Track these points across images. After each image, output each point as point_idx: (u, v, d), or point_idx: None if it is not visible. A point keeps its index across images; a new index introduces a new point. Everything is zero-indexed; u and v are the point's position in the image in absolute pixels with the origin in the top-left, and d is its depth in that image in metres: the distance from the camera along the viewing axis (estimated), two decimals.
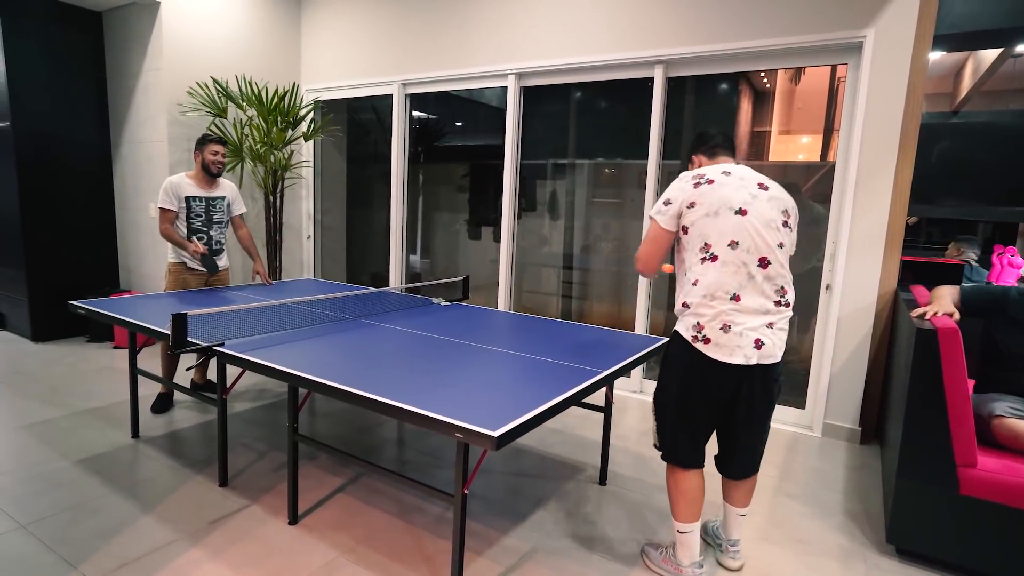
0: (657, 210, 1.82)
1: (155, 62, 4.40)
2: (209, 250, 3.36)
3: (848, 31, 3.05)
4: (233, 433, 2.99)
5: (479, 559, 2.04)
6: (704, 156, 1.99)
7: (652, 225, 1.83)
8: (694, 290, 1.75)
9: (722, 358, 1.73)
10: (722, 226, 1.73)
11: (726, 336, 1.72)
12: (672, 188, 1.83)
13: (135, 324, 2.46)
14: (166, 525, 2.16)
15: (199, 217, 3.32)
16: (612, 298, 4.39)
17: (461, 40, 4.35)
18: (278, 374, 1.91)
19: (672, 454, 1.92)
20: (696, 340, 1.75)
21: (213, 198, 3.37)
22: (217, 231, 3.40)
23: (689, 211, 1.76)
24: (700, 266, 1.75)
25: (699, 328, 1.74)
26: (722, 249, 1.73)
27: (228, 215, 3.48)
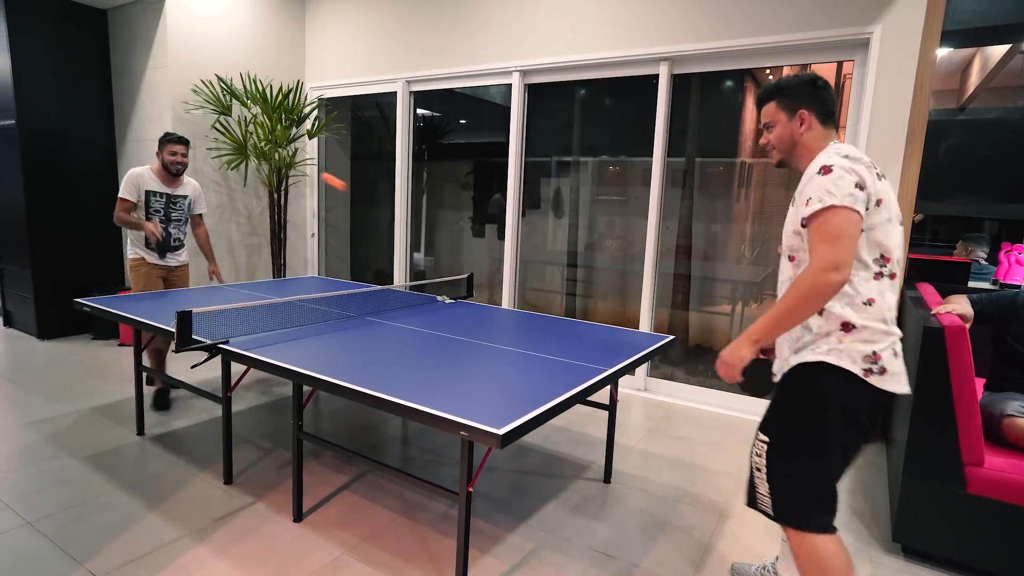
0: (847, 193, 1.33)
1: (160, 59, 4.41)
2: (166, 246, 3.40)
3: (855, 27, 3.02)
4: (237, 431, 3.00)
5: (484, 557, 2.04)
6: (817, 118, 1.52)
7: (843, 215, 1.32)
8: (867, 311, 1.41)
9: (897, 388, 1.43)
10: (896, 237, 1.43)
11: (898, 362, 1.44)
12: (850, 169, 1.36)
13: (140, 322, 2.46)
14: (171, 522, 2.16)
15: (157, 213, 3.34)
16: (616, 296, 4.38)
17: (465, 37, 4.33)
18: (282, 372, 1.91)
19: (811, 517, 1.49)
20: (870, 373, 1.41)
21: (175, 196, 3.39)
22: (175, 228, 3.42)
23: (876, 209, 1.39)
24: (875, 283, 1.41)
25: (875, 358, 1.40)
26: (896, 265, 1.43)
27: (188, 213, 3.49)
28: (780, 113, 1.56)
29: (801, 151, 1.55)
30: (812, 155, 1.51)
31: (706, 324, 4.19)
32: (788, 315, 1.37)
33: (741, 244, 4.06)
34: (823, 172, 1.37)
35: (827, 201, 1.33)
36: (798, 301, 1.35)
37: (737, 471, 2.79)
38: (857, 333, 1.42)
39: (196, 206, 3.53)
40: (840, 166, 1.36)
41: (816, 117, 1.52)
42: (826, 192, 1.34)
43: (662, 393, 3.88)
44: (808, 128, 1.52)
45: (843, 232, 1.32)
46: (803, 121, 1.52)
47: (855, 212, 1.33)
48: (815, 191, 1.36)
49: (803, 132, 1.53)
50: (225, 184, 4.80)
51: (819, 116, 1.52)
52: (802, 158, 1.55)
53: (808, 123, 1.52)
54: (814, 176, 1.39)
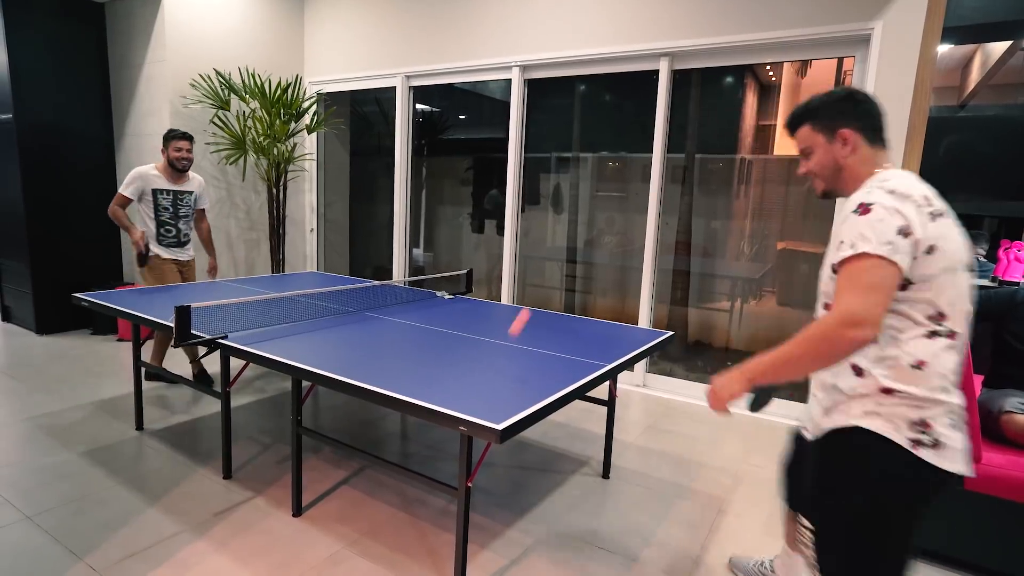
0: (886, 240, 1.11)
1: (158, 54, 4.39)
2: (177, 242, 3.46)
3: (855, 23, 3.02)
4: (237, 426, 3.00)
5: (483, 552, 2.05)
6: (863, 137, 1.30)
7: (877, 266, 1.11)
8: (916, 376, 1.18)
9: (955, 467, 1.18)
10: (960, 288, 1.19)
11: (958, 436, 1.20)
12: (893, 210, 1.14)
13: (139, 317, 2.46)
14: (171, 517, 2.17)
15: (167, 210, 3.38)
16: (616, 292, 4.38)
17: (465, 32, 4.32)
18: (281, 367, 1.91)
19: None
20: (919, 445, 1.17)
21: (181, 192, 3.42)
22: (184, 224, 3.47)
23: (927, 258, 1.14)
24: (928, 342, 1.18)
25: (925, 427, 1.18)
26: (959, 322, 1.20)
27: (194, 208, 3.52)
28: (817, 136, 1.34)
29: (847, 177, 1.32)
30: (859, 182, 1.30)
31: (705, 320, 4.19)
32: (790, 364, 1.18)
33: (740, 240, 4.06)
34: (861, 211, 1.15)
35: (859, 248, 1.12)
36: (805, 351, 1.14)
37: (736, 467, 2.80)
38: (903, 396, 1.19)
39: (200, 201, 3.56)
40: (882, 205, 1.13)
41: (861, 135, 1.29)
42: (860, 236, 1.13)
43: (661, 389, 3.88)
44: (853, 150, 1.30)
45: (874, 285, 1.10)
46: (846, 142, 1.30)
47: (893, 265, 1.10)
48: (849, 234, 1.15)
49: (848, 154, 1.31)
50: (224, 179, 4.79)
51: (864, 134, 1.30)
52: (848, 185, 1.33)
53: (852, 144, 1.30)
54: (849, 216, 1.17)
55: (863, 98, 1.31)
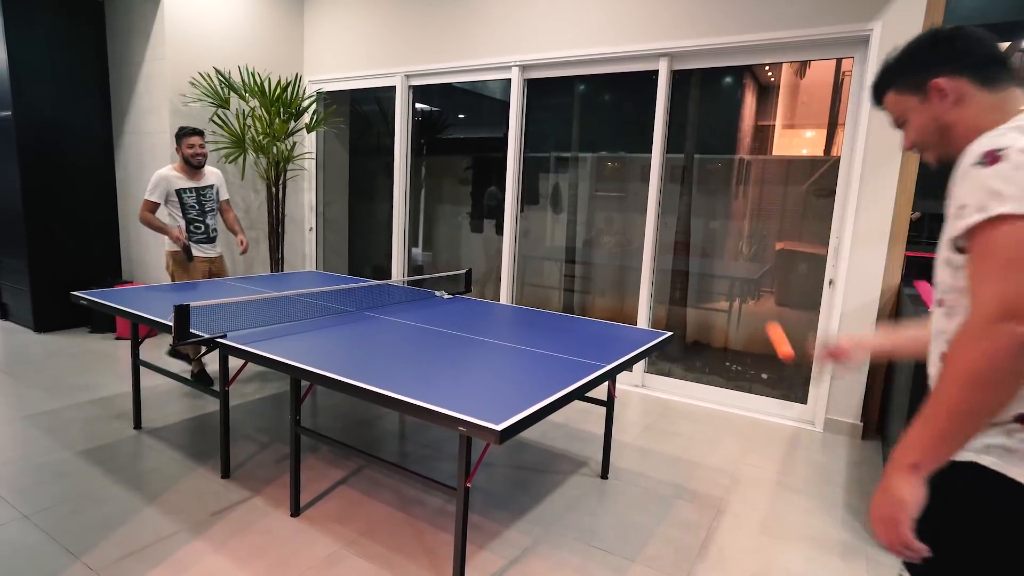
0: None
1: (157, 51, 4.38)
2: (207, 238, 3.50)
3: (855, 24, 3.02)
4: (235, 425, 3.00)
5: (481, 552, 2.05)
6: (968, 81, 0.98)
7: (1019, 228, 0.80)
8: None
9: None
10: None
11: None
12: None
13: (137, 315, 2.46)
14: (168, 516, 2.16)
15: (193, 208, 3.42)
16: (615, 292, 4.38)
17: (465, 32, 4.32)
18: (280, 366, 1.91)
19: None
20: None
21: (203, 188, 3.45)
22: (211, 219, 3.51)
23: None
24: None
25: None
26: None
27: (218, 201, 3.55)
28: (906, 99, 1.05)
29: (961, 135, 0.99)
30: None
31: (704, 320, 4.19)
32: (960, 413, 0.82)
33: (739, 241, 4.06)
34: (988, 161, 0.84)
35: (993, 209, 0.81)
36: (969, 385, 0.80)
37: (734, 467, 2.80)
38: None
39: (223, 191, 3.61)
40: (1019, 148, 0.82)
41: (966, 79, 0.98)
42: (991, 194, 0.82)
43: (659, 389, 3.89)
44: (957, 100, 0.99)
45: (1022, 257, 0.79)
46: (944, 94, 0.99)
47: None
48: (972, 193, 0.85)
49: (950, 108, 1.00)
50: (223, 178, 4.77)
51: (970, 75, 0.98)
52: (965, 144, 0.97)
53: (954, 93, 0.99)
54: (970, 170, 0.86)
55: (951, 34, 1.00)
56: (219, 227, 3.61)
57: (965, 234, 0.85)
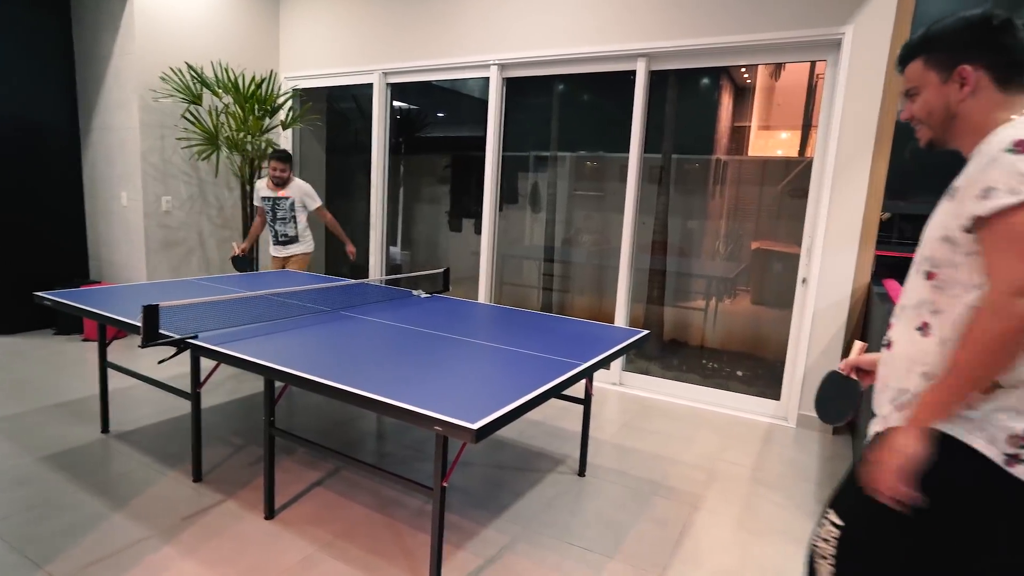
0: None
1: (126, 46, 4.27)
2: (275, 240, 4.10)
3: (827, 28, 3.08)
4: (208, 427, 2.94)
5: (459, 551, 2.04)
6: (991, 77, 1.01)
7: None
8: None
9: None
10: None
11: None
12: None
13: (104, 316, 2.39)
14: (137, 522, 2.11)
15: (269, 214, 4.05)
16: (593, 291, 4.41)
17: (443, 30, 4.29)
18: (253, 367, 1.87)
19: None
20: (1016, 461, 0.93)
21: (278, 198, 4.01)
22: (281, 225, 4.06)
23: None
24: None
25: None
26: None
27: (293, 211, 4.04)
28: (929, 73, 1.06)
29: (961, 127, 1.05)
30: (980, 133, 1.01)
31: (681, 319, 4.24)
32: (973, 377, 0.92)
33: (716, 240, 4.11)
34: (1018, 148, 0.89)
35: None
36: (985, 351, 0.90)
37: (710, 464, 2.84)
38: (1006, 396, 0.94)
39: (308, 203, 4.05)
40: None
41: (989, 74, 1.01)
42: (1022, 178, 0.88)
43: (637, 387, 3.91)
44: (972, 92, 1.02)
45: None
46: (964, 81, 1.02)
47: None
48: (1004, 176, 0.89)
49: (964, 98, 1.03)
50: (195, 175, 4.68)
51: (994, 72, 1.00)
52: (963, 137, 1.05)
53: (973, 84, 1.01)
54: (1001, 155, 0.90)
55: (1003, 24, 1.00)
56: (299, 233, 4.11)
57: (992, 215, 0.90)
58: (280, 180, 3.95)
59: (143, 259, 4.45)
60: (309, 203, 4.09)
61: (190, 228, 4.69)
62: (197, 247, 4.76)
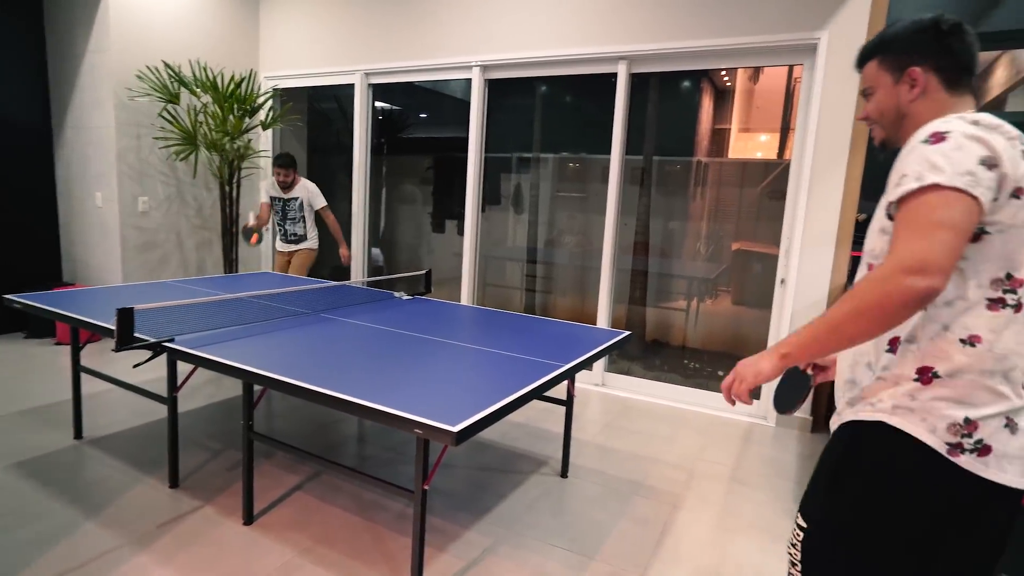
0: (965, 169, 0.89)
1: (101, 43, 4.18)
2: (284, 238, 4.33)
3: (803, 33, 3.13)
4: (185, 432, 2.89)
5: (441, 555, 2.03)
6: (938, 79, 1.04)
7: (951, 200, 0.88)
8: (966, 356, 0.95)
9: (1005, 478, 0.94)
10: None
11: (1016, 441, 0.95)
12: (976, 137, 0.91)
13: (76, 319, 2.34)
14: (111, 530, 2.06)
15: (278, 214, 4.27)
16: (576, 292, 4.42)
17: (426, 30, 4.28)
18: (231, 370, 1.84)
19: None
20: (958, 451, 0.94)
21: (287, 199, 4.22)
22: (291, 224, 4.28)
23: (1011, 203, 0.92)
24: (990, 314, 0.95)
25: (969, 428, 0.94)
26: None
27: (303, 212, 4.24)
28: (883, 75, 1.10)
29: (911, 127, 1.06)
30: None
31: (663, 320, 4.27)
32: (837, 329, 0.93)
33: (697, 241, 4.15)
34: (933, 140, 0.92)
35: (928, 178, 0.89)
36: (855, 311, 0.90)
37: (690, 463, 2.86)
38: (944, 386, 0.95)
39: (314, 202, 4.26)
40: (962, 132, 0.91)
41: (937, 76, 1.04)
42: (930, 166, 0.90)
43: (619, 388, 3.93)
44: (921, 93, 1.05)
45: (946, 222, 0.87)
46: (914, 83, 1.05)
47: (971, 198, 0.87)
48: (914, 164, 0.92)
49: (914, 99, 1.06)
50: (173, 175, 4.61)
51: (942, 75, 1.04)
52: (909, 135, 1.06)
53: (921, 85, 1.04)
54: (917, 146, 0.94)
55: (951, 28, 1.03)
56: (307, 231, 4.31)
57: (900, 198, 0.92)
58: (284, 185, 4.15)
59: (119, 261, 4.36)
60: (315, 202, 4.28)
61: (168, 229, 4.61)
62: (175, 249, 4.68)
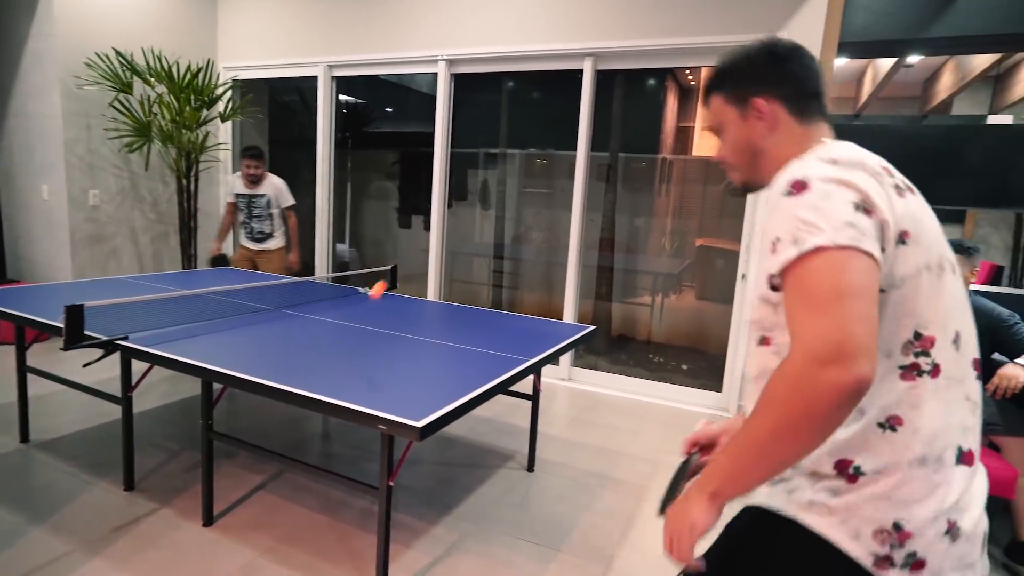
0: (842, 220, 0.74)
1: (45, 27, 3.98)
2: (250, 236, 4.09)
3: (764, 33, 3.20)
4: (141, 433, 2.79)
5: (407, 551, 2.02)
6: (785, 108, 0.93)
7: (839, 260, 0.72)
8: (892, 440, 0.78)
9: None
10: (950, 298, 0.81)
11: (956, 548, 0.77)
12: (840, 180, 0.77)
13: (20, 317, 2.23)
14: (61, 535, 1.98)
15: (243, 211, 4.04)
16: (542, 287, 4.45)
17: (390, 23, 4.22)
18: (189, 368, 1.79)
19: None
20: (887, 564, 0.76)
21: (254, 196, 4.00)
22: (257, 222, 4.05)
23: (899, 250, 0.78)
24: (905, 385, 0.79)
25: (900, 538, 0.76)
26: (946, 351, 0.80)
27: (270, 209, 4.02)
28: (728, 109, 0.97)
29: (767, 164, 0.95)
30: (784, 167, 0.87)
31: (628, 315, 4.34)
32: (764, 454, 0.73)
33: (662, 237, 4.23)
34: (794, 190, 0.78)
35: (808, 242, 0.73)
36: (778, 430, 0.71)
37: (655, 455, 2.92)
38: (870, 484, 0.78)
39: (281, 200, 4.05)
40: (822, 176, 0.77)
41: (783, 106, 0.92)
42: (802, 225, 0.74)
43: (586, 382, 3.98)
44: (771, 127, 0.93)
45: (848, 289, 0.70)
46: (761, 115, 0.93)
47: (863, 254, 0.72)
48: (783, 226, 0.77)
49: (765, 133, 0.94)
50: (127, 168, 4.43)
51: (789, 104, 0.92)
52: (769, 173, 0.95)
53: (769, 117, 0.93)
54: (780, 200, 0.79)
55: (787, 53, 0.93)
56: (274, 229, 4.09)
57: (782, 270, 0.76)
58: (254, 177, 3.93)
59: (68, 256, 4.18)
60: (283, 200, 4.10)
61: (121, 223, 4.44)
62: (129, 244, 4.51)
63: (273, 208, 4.06)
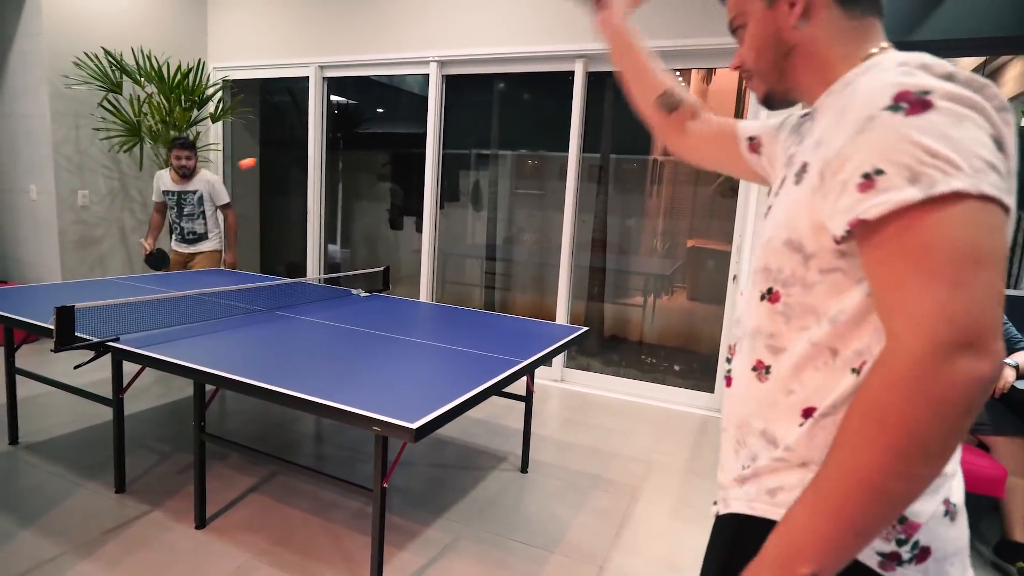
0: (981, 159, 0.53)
1: (31, 26, 3.95)
2: (180, 237, 3.77)
3: None
4: (132, 435, 2.77)
5: (401, 553, 2.02)
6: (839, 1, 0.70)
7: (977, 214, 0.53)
8: None
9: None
10: None
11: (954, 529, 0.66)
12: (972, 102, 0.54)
13: (9, 318, 2.21)
14: (51, 538, 1.97)
15: (172, 210, 3.73)
16: (535, 289, 4.46)
17: (382, 24, 4.22)
18: (181, 370, 1.79)
19: None
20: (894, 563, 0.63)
21: (184, 192, 3.68)
22: (188, 221, 3.73)
23: None
24: None
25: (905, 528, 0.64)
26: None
27: (202, 207, 3.73)
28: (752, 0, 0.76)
29: (802, 66, 0.74)
30: (826, 73, 0.71)
31: (621, 316, 4.36)
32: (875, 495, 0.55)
33: (653, 238, 4.25)
34: (911, 107, 0.56)
35: (941, 183, 0.53)
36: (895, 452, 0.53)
37: (647, 456, 2.94)
38: None
39: (216, 197, 3.76)
40: (947, 93, 0.55)
41: None
42: (928, 157, 0.54)
43: (578, 383, 4.00)
44: (806, 13, 0.71)
45: (989, 252, 0.54)
46: (793, 3, 0.72)
47: (1004, 210, 0.55)
48: (893, 152, 0.55)
49: (795, 25, 0.72)
50: (116, 168, 4.40)
51: None
52: (806, 78, 0.75)
53: (804, 5, 0.71)
54: (880, 115, 0.57)
55: None
56: (208, 229, 3.80)
57: (882, 217, 0.56)
58: (186, 170, 3.60)
59: (57, 257, 4.14)
60: (218, 197, 3.78)
61: (111, 224, 4.40)
62: (119, 244, 4.48)
63: (207, 205, 3.74)
